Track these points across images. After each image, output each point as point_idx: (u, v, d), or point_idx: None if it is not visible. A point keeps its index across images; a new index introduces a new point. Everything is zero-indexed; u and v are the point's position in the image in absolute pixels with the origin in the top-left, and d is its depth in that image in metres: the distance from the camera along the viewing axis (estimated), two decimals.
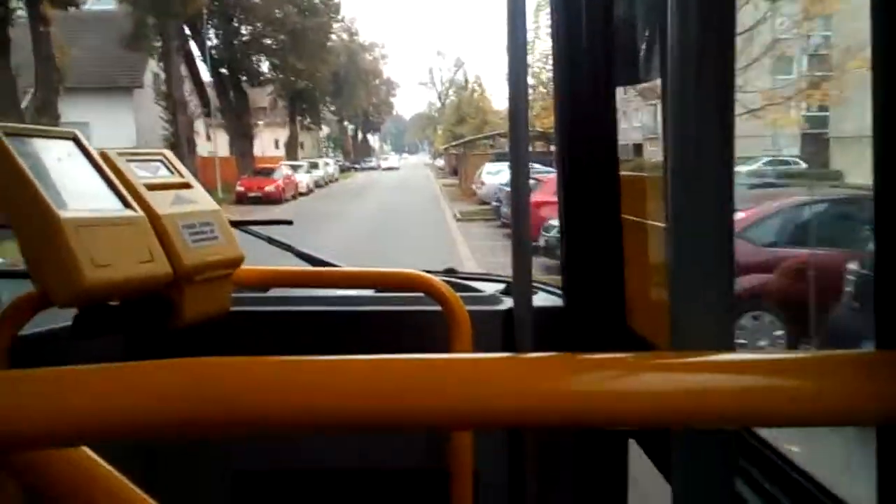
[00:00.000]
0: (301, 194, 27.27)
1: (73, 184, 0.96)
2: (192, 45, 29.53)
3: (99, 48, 25.09)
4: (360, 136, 77.93)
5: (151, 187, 1.06)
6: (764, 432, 0.98)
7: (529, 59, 1.46)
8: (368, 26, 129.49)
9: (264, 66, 36.12)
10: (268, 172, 25.42)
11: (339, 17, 45.52)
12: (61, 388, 0.41)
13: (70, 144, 1.02)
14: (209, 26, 31.65)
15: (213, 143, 27.77)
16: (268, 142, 44.27)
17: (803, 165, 11.69)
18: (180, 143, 23.11)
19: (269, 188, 23.77)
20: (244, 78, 34.48)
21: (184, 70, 27.42)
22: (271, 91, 40.64)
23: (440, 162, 51.81)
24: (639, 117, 16.76)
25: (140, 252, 0.97)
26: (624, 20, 1.42)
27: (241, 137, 30.81)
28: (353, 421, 0.41)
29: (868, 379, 0.39)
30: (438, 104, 76.97)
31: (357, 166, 58.49)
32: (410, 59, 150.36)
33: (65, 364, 0.42)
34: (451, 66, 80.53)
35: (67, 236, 0.89)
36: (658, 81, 1.28)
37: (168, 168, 1.14)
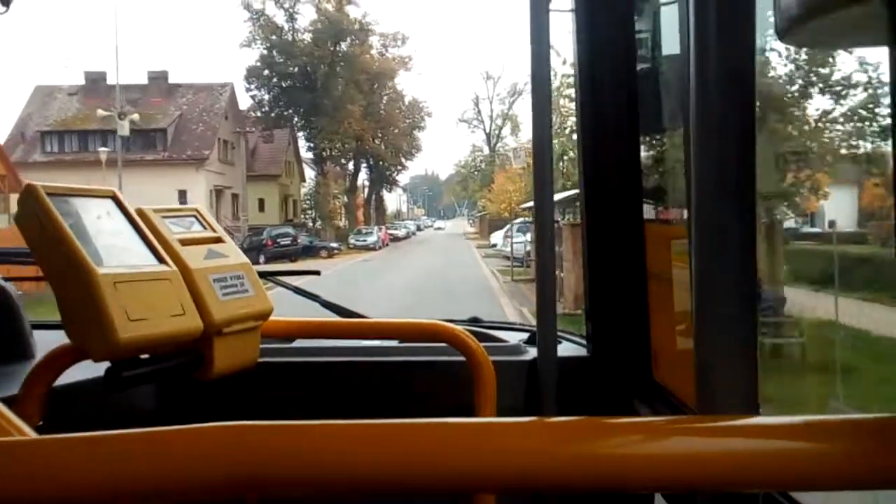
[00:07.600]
0: None
1: (110, 240, 0.99)
2: None
3: None
4: (360, 186, 45.45)
5: (185, 242, 1.08)
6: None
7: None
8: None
9: None
10: None
11: None
12: (94, 453, 0.43)
13: (109, 202, 1.05)
14: None
15: None
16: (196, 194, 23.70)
17: None
18: None
19: None
20: None
21: None
22: None
23: (498, 239, 24.94)
24: None
25: (172, 306, 0.99)
26: (647, 70, 1.44)
27: None
28: (379, 485, 0.42)
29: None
30: (486, 149, 52.64)
31: (336, 247, 29.45)
32: (449, 98, 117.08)
33: (97, 416, 0.43)
34: (506, 97, 54.33)
35: (104, 292, 0.91)
36: None
37: (201, 223, 1.16)
